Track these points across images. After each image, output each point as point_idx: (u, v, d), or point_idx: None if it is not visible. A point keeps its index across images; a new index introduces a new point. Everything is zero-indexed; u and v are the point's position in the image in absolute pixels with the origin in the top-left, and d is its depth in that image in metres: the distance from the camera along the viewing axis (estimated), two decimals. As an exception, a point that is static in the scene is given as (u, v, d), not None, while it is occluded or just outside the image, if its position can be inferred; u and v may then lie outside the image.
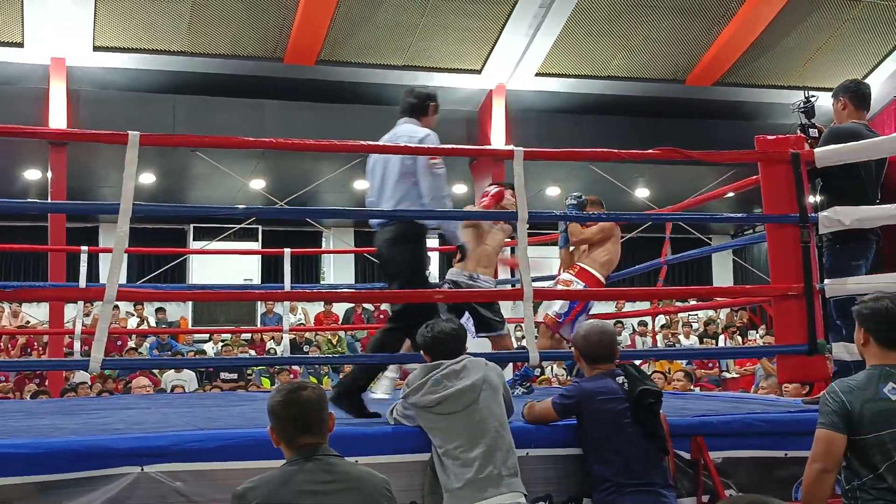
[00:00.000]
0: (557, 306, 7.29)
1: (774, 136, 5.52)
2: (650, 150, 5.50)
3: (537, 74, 15.75)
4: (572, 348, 4.48)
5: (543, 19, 14.47)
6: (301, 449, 3.11)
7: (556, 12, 14.37)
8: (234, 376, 13.40)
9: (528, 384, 7.17)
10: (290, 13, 14.03)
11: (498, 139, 15.80)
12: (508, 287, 9.08)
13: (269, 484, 3.00)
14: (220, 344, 15.30)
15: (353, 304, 17.31)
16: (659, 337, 16.74)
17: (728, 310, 17.43)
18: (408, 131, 5.49)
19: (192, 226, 18.49)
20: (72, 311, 13.65)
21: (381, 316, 17.47)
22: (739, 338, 16.62)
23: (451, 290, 6.58)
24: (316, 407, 3.16)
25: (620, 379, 4.24)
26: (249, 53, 14.78)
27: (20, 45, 13.83)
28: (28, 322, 16.14)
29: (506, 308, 9.86)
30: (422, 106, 5.67)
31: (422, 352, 4.30)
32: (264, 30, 14.42)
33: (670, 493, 4.15)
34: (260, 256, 17.79)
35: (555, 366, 15.22)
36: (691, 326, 17.33)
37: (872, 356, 3.64)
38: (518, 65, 15.46)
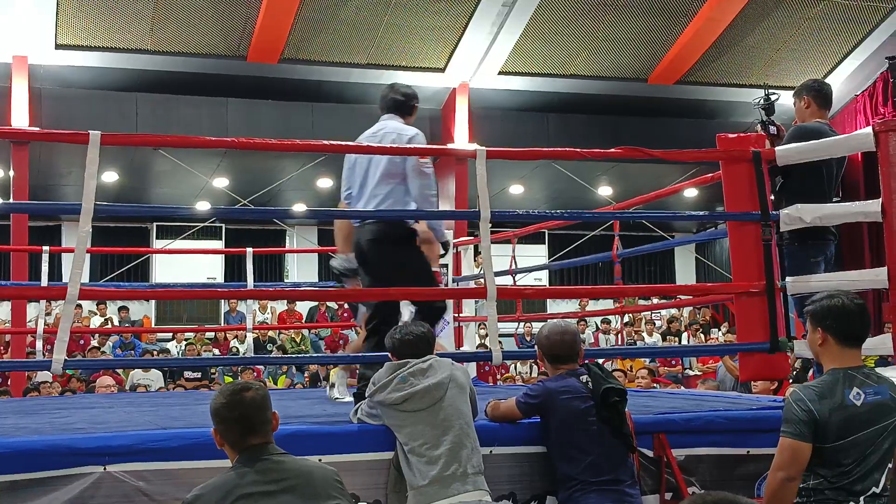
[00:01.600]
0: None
1: (736, 135, 5.57)
2: (613, 149, 5.53)
3: (500, 73, 15.81)
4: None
5: (506, 18, 14.52)
6: (247, 451, 3.09)
7: (519, 11, 14.43)
8: (198, 375, 13.35)
9: None
10: (254, 11, 13.98)
11: (461, 137, 15.84)
12: (472, 285, 9.14)
13: (218, 489, 2.98)
14: (184, 343, 15.22)
15: (316, 303, 17.28)
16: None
17: (691, 308, 17.57)
18: (395, 129, 5.42)
19: (154, 224, 18.37)
20: (34, 311, 13.53)
21: (346, 315, 17.46)
22: (702, 335, 16.77)
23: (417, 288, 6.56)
24: (260, 407, 3.14)
25: (584, 378, 4.26)
26: (213, 51, 14.73)
27: (-19, 43, 13.69)
28: (-11, 322, 15.97)
29: (469, 306, 9.95)
30: (407, 105, 5.62)
31: (389, 353, 4.30)
32: (228, 28, 14.36)
33: (635, 491, 4.17)
34: (223, 255, 17.71)
35: (518, 363, 15.29)
36: (654, 324, 17.45)
37: (831, 357, 3.60)
38: (481, 63, 15.50)
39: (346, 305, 15.31)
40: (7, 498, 3.60)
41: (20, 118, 13.88)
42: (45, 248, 8.88)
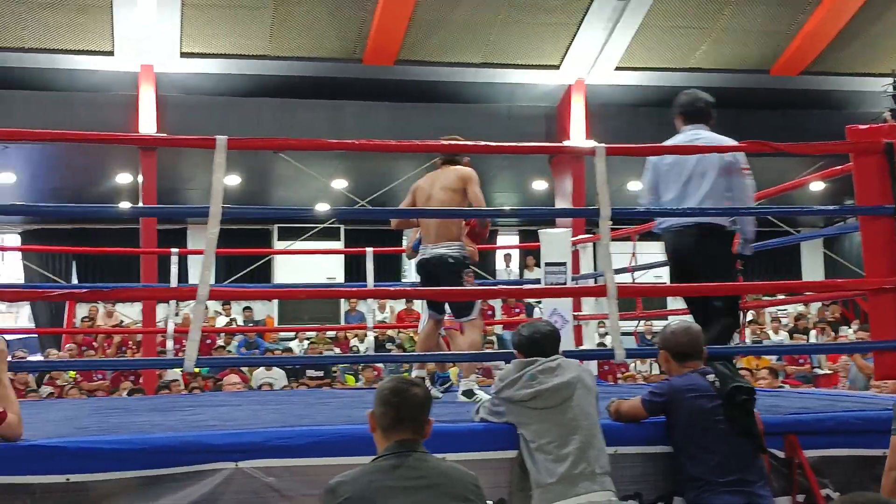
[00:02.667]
0: None
1: (867, 126, 5.38)
2: (737, 144, 5.41)
3: (617, 68, 15.64)
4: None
5: (622, 12, 14.36)
6: (395, 443, 3.13)
7: (636, 4, 14.26)
8: (320, 374, 13.57)
9: (449, 385, 6.95)
10: (369, 14, 14.16)
11: (578, 135, 15.71)
12: (591, 283, 9.07)
13: (359, 479, 3.03)
14: (306, 342, 15.50)
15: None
16: (747, 332, 16.44)
17: (819, 304, 17.03)
18: (714, 139, 5.46)
19: (276, 226, 18.76)
20: (163, 311, 13.99)
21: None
22: (832, 333, 16.24)
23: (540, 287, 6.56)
24: (420, 406, 3.18)
25: (711, 377, 4.18)
26: (330, 55, 14.97)
27: (111, 53, 14.24)
28: (122, 321, 16.57)
29: (588, 304, 9.87)
30: (709, 112, 5.64)
31: (515, 350, 4.29)
32: (344, 31, 14.58)
33: (766, 492, 4.07)
34: (343, 255, 17.97)
35: (638, 362, 15.10)
36: (780, 322, 16.99)
37: None
38: (597, 59, 15.36)
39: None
40: (142, 493, 3.73)
41: (147, 125, 14.38)
42: (175, 250, 9.15)
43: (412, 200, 6.21)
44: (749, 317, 16.91)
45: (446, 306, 6.15)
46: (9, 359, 3.95)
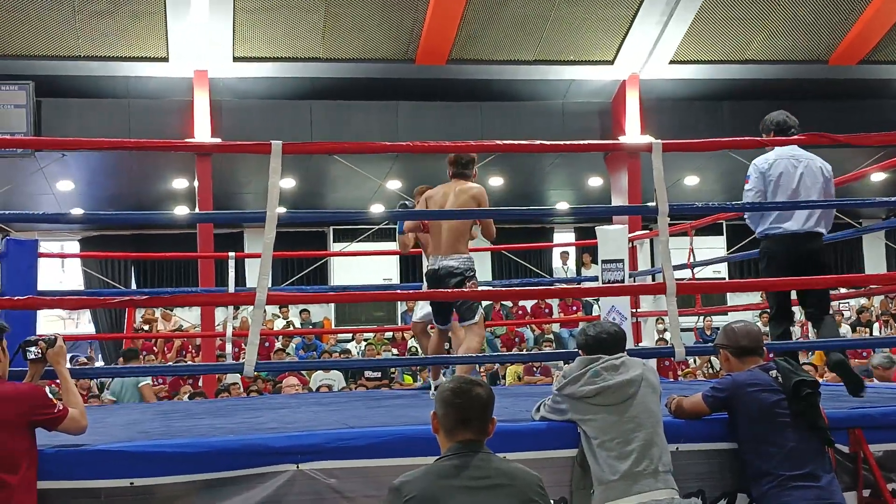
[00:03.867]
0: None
1: (930, 115, 5.27)
2: (796, 136, 5.33)
3: (671, 62, 15.49)
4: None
5: (676, 5, 14.21)
6: (458, 443, 3.12)
7: (690, -2, 14.12)
8: (378, 374, 13.63)
9: None
10: (421, 14, 14.18)
11: (633, 130, 15.59)
12: (649, 279, 8.97)
13: (424, 478, 3.03)
14: (364, 343, 15.57)
15: (491, 302, 17.37)
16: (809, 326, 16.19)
17: (882, 297, 16.73)
18: (812, 157, 5.66)
19: (331, 228, 18.87)
20: (221, 314, 14.15)
21: (521, 312, 17.49)
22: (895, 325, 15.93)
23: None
24: (483, 405, 3.16)
25: (773, 372, 4.14)
26: (382, 56, 15.01)
27: (165, 59, 14.44)
28: (181, 326, 16.79)
29: (646, 301, 9.76)
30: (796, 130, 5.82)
31: (579, 349, 4.27)
32: (396, 32, 14.62)
33: (835, 487, 4.02)
34: (398, 256, 18.01)
35: (698, 358, 14.94)
36: (843, 315, 16.71)
37: None
38: (651, 53, 15.22)
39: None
40: (205, 496, 3.77)
41: (202, 130, 14.54)
42: (232, 254, 9.22)
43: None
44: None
45: (452, 316, 6.49)
46: (70, 365, 4.03)
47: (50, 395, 3.76)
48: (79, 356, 15.80)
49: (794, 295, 5.84)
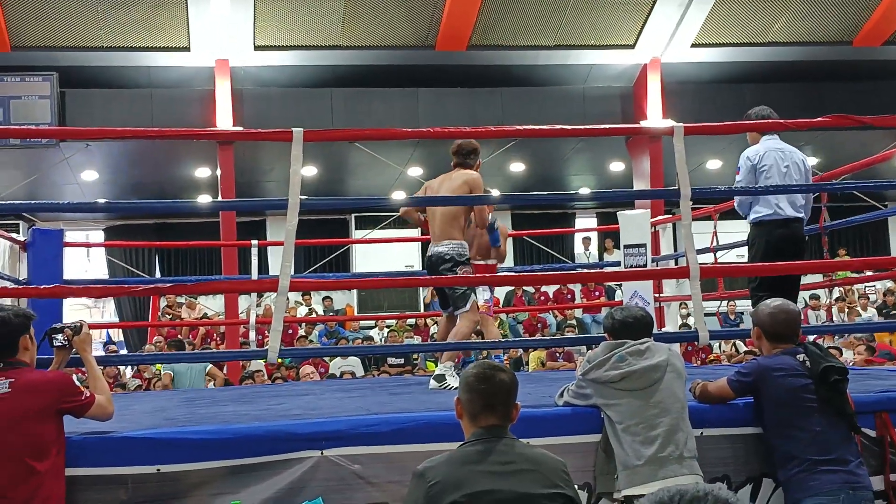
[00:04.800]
0: (487, 294, 7.52)
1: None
2: (819, 118, 5.30)
3: (693, 45, 15.39)
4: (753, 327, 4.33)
5: (698, -13, 14.12)
6: (482, 429, 3.12)
7: (711, -20, 14.01)
8: (401, 361, 13.66)
9: None
10: (441, 0, 14.13)
11: (654, 114, 15.51)
12: (672, 264, 8.94)
13: (449, 463, 3.03)
14: (386, 330, 15.60)
15: (513, 287, 17.37)
16: (834, 310, 16.07)
17: (909, 279, 16.58)
18: (792, 148, 5.95)
19: (353, 215, 18.91)
20: (244, 301, 14.21)
21: (543, 298, 17.47)
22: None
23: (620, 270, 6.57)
24: (507, 391, 3.16)
25: (801, 357, 4.09)
26: (402, 43, 15.00)
27: (187, 49, 14.49)
28: (205, 314, 16.89)
29: (669, 286, 9.73)
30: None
31: (606, 333, 4.27)
32: (416, 18, 14.59)
33: (863, 471, 3.99)
34: (420, 243, 18.02)
35: (722, 342, 14.88)
36: (868, 298, 16.59)
37: None
38: (672, 37, 15.12)
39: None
40: (231, 482, 3.79)
41: (224, 119, 14.59)
42: (254, 242, 9.27)
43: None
44: (836, 294, 16.54)
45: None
46: (100, 353, 4.06)
47: (77, 383, 3.79)
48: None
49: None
